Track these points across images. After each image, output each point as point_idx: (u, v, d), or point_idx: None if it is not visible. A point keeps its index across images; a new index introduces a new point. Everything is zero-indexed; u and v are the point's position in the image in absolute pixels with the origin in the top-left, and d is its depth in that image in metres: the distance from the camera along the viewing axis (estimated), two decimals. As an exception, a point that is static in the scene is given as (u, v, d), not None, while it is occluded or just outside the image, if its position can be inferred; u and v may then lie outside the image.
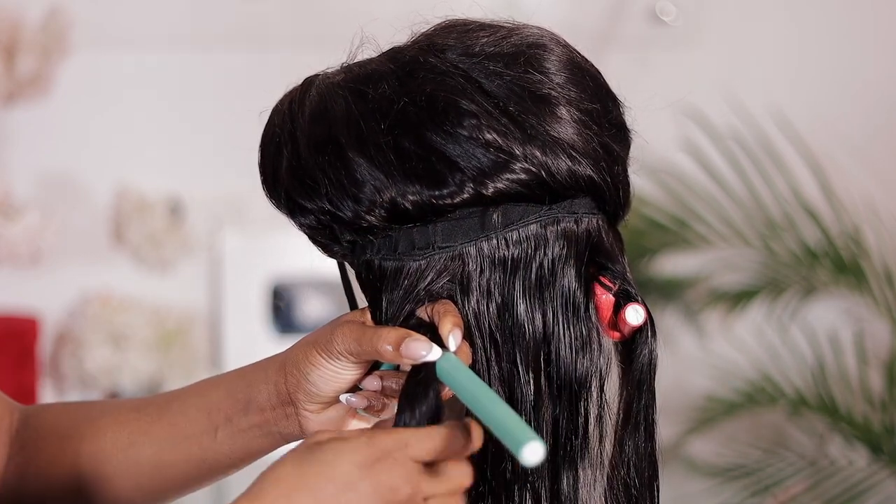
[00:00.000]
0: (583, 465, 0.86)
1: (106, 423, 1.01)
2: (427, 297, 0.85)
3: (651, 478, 0.89)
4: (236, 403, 0.95)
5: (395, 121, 0.84)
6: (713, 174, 2.50)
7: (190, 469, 0.99)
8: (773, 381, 2.49)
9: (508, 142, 0.83)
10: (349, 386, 0.90)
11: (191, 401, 0.98)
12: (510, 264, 0.85)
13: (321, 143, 0.86)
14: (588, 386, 0.86)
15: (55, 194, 2.63)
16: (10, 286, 2.60)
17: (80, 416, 1.03)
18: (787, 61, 2.76)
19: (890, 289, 2.40)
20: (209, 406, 0.97)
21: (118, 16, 2.62)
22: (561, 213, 0.85)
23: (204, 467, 0.99)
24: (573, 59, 0.88)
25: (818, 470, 2.41)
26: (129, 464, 1.00)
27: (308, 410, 0.92)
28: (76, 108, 2.62)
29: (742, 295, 2.52)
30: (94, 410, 1.03)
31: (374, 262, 0.87)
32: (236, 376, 0.97)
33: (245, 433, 0.96)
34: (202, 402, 0.97)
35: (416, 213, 0.84)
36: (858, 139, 2.70)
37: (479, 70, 0.85)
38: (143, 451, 0.99)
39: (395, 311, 0.86)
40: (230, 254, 2.66)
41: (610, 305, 0.87)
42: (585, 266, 0.86)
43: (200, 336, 2.64)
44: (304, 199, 0.87)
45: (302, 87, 0.90)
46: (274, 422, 0.94)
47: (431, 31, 0.89)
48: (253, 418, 0.95)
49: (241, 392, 0.95)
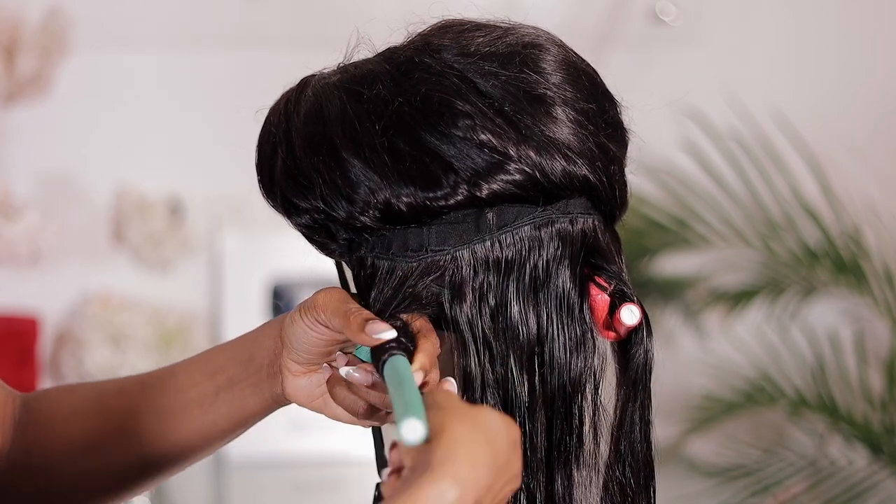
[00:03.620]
0: (577, 465, 0.86)
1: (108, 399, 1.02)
2: (417, 297, 0.85)
3: (647, 478, 0.89)
4: (239, 363, 0.97)
5: (389, 121, 0.84)
6: (713, 174, 2.50)
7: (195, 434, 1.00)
8: (773, 381, 2.49)
9: (503, 142, 0.83)
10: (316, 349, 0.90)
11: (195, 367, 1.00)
12: (504, 266, 0.85)
13: (316, 143, 0.86)
14: (582, 387, 0.86)
15: (55, 194, 2.63)
16: (10, 286, 2.60)
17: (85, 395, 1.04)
18: (787, 61, 2.76)
19: (890, 289, 2.40)
20: (213, 369, 0.98)
21: (118, 16, 2.62)
22: (556, 213, 0.85)
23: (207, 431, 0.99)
24: (569, 58, 0.88)
25: (818, 470, 2.41)
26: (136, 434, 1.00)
27: (289, 370, 0.92)
28: (76, 108, 2.62)
29: (742, 295, 2.52)
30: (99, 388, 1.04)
31: (367, 259, 0.87)
32: (244, 337, 0.98)
33: (242, 392, 0.97)
34: (206, 367, 0.99)
35: (411, 215, 0.84)
36: (858, 139, 2.70)
37: (474, 70, 0.85)
38: (149, 421, 1.00)
39: (382, 308, 0.86)
40: (230, 254, 2.67)
41: (605, 306, 0.87)
42: (580, 266, 0.86)
43: (200, 336, 2.64)
44: (299, 198, 0.87)
45: (298, 87, 0.90)
46: (266, 379, 0.95)
47: (427, 31, 0.89)
48: (251, 376, 0.96)
49: (246, 350, 0.97)
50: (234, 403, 0.97)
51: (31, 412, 1.03)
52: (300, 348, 0.91)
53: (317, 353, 0.91)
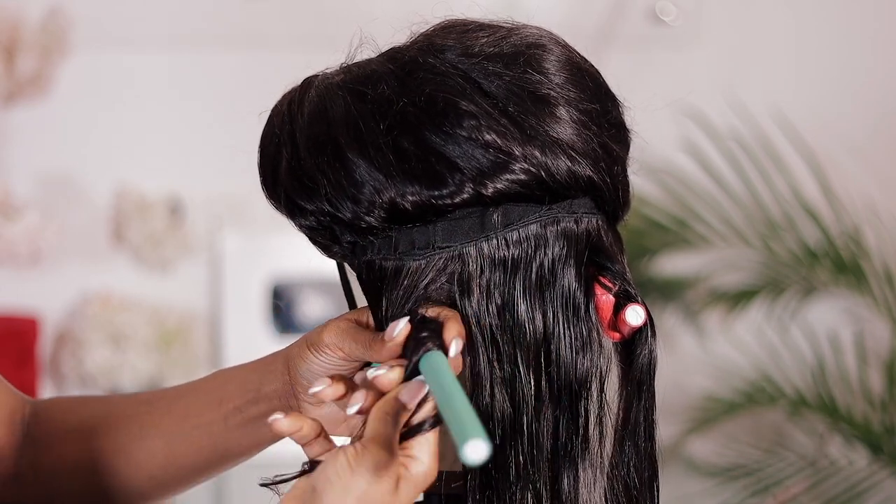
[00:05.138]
0: (583, 464, 0.86)
1: (117, 418, 1.02)
2: (427, 297, 0.85)
3: (651, 478, 0.89)
4: (247, 394, 0.97)
5: (394, 121, 0.84)
6: (713, 174, 2.50)
7: (201, 459, 1.00)
8: (773, 381, 2.49)
9: (508, 142, 0.83)
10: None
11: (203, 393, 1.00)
12: (510, 264, 0.85)
13: (320, 144, 0.86)
14: (588, 386, 0.86)
15: (55, 194, 2.63)
16: (10, 286, 2.60)
17: (90, 411, 1.04)
18: (787, 61, 2.76)
19: (890, 289, 2.40)
20: (221, 398, 0.99)
21: (118, 15, 2.62)
22: (561, 213, 0.85)
23: (214, 457, 1.00)
24: (572, 59, 0.88)
25: (818, 470, 2.41)
26: (141, 456, 1.01)
27: (308, 403, 0.93)
28: (76, 108, 2.62)
29: (742, 295, 2.52)
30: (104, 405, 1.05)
31: (374, 262, 0.87)
32: (250, 370, 0.98)
33: (254, 421, 0.97)
34: (214, 395, 0.99)
35: (416, 214, 0.84)
36: (858, 139, 2.70)
37: (478, 70, 0.85)
38: (154, 443, 1.00)
39: (395, 311, 0.86)
40: (230, 254, 2.67)
41: (610, 306, 0.87)
42: (585, 266, 0.86)
43: (200, 336, 2.64)
44: (304, 199, 0.87)
45: (301, 87, 0.90)
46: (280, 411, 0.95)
47: (431, 31, 0.89)
48: (261, 407, 0.96)
49: (253, 384, 0.97)
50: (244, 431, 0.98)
51: (41, 423, 1.04)
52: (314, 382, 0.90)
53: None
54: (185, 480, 1.02)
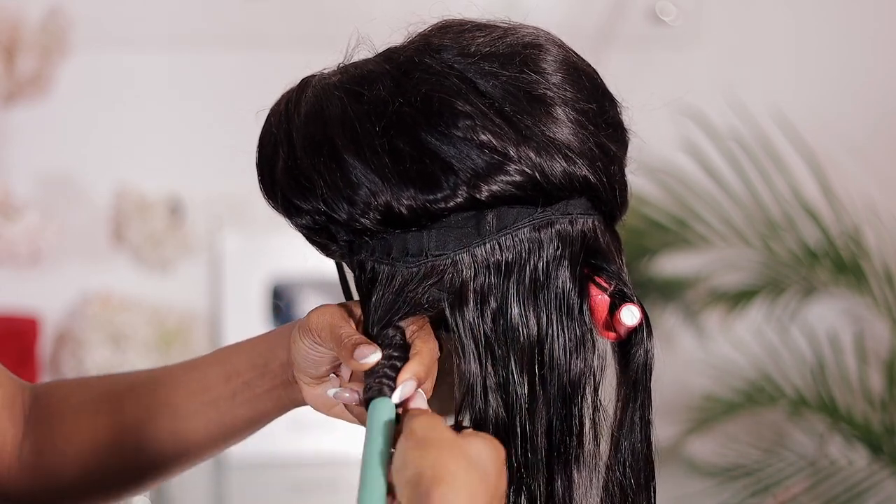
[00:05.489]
0: (577, 466, 0.86)
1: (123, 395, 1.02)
2: (418, 304, 0.85)
3: (647, 479, 0.89)
4: (255, 368, 0.98)
5: (390, 122, 0.84)
6: (713, 174, 2.50)
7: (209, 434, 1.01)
8: (773, 381, 2.49)
9: (503, 143, 0.83)
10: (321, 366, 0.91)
11: (211, 369, 1.00)
12: (504, 268, 0.85)
13: (316, 144, 0.86)
14: (582, 387, 0.86)
15: (55, 194, 2.63)
16: (10, 286, 2.60)
17: (96, 391, 1.04)
18: (787, 61, 2.76)
19: (890, 289, 2.40)
20: (229, 372, 0.99)
21: (118, 16, 2.62)
22: (555, 214, 0.85)
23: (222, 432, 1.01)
24: (569, 59, 0.88)
25: (818, 470, 2.41)
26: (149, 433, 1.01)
27: (304, 382, 0.93)
28: (76, 108, 2.62)
29: (742, 295, 2.52)
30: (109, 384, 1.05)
31: (367, 263, 0.87)
32: (260, 341, 0.99)
33: (260, 396, 0.98)
34: (222, 370, 1.00)
35: (411, 218, 0.84)
36: (858, 139, 2.70)
37: (474, 70, 0.85)
38: (162, 420, 1.00)
39: (382, 314, 0.86)
40: (230, 254, 2.67)
41: (605, 306, 0.87)
42: (580, 267, 0.86)
43: (200, 336, 2.64)
44: (300, 199, 0.87)
45: (298, 87, 0.90)
46: (283, 387, 0.97)
47: (427, 31, 0.89)
48: (267, 382, 0.97)
49: (262, 356, 0.98)
50: (250, 405, 0.99)
51: (42, 406, 1.03)
52: (305, 365, 0.91)
53: (324, 370, 0.91)
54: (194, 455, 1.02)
